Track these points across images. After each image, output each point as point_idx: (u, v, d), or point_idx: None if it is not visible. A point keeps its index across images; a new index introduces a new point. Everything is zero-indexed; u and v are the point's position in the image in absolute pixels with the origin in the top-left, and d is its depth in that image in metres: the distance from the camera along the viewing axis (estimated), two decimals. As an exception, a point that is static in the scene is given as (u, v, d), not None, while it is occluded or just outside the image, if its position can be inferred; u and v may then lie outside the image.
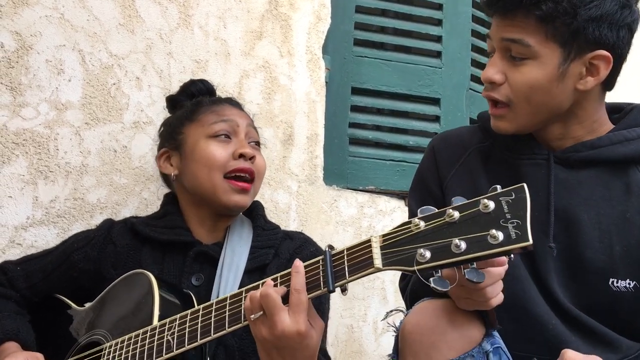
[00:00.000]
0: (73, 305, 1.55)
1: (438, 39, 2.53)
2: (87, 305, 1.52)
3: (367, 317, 2.27)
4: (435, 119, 2.52)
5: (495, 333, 1.09)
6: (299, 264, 1.13)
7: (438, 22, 2.54)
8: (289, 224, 2.16)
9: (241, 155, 1.55)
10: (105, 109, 1.97)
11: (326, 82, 2.33)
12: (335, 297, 2.21)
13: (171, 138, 1.68)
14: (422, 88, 2.50)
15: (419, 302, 1.17)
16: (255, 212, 1.66)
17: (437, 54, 2.53)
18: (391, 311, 1.23)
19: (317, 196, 2.24)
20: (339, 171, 2.37)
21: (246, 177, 1.56)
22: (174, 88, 2.06)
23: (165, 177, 1.75)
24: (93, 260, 1.55)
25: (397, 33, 2.51)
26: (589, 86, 1.28)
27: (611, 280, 1.25)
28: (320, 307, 1.50)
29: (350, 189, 2.35)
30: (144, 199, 2.00)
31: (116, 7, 2.00)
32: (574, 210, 1.29)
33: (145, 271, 1.41)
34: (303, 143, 2.24)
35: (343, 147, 2.39)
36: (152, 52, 2.04)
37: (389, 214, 2.33)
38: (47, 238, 1.85)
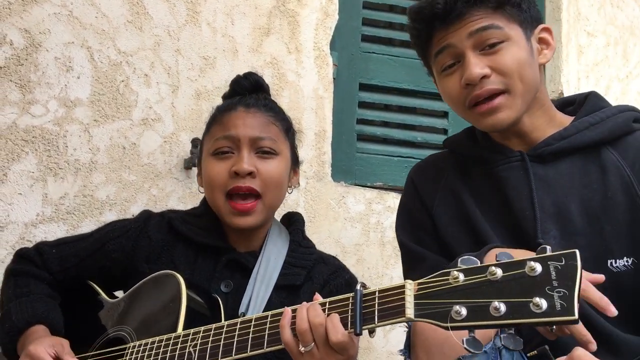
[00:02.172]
0: (103, 294, 1.55)
1: (446, 35, 2.52)
2: (117, 297, 1.53)
3: (376, 313, 2.27)
4: (443, 114, 2.51)
5: (509, 330, 1.08)
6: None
7: (446, 18, 2.53)
8: (297, 220, 2.16)
9: (237, 173, 1.48)
10: (114, 106, 1.98)
11: (334, 79, 2.32)
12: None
13: (199, 152, 1.65)
14: (430, 84, 2.45)
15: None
16: (294, 226, 1.63)
17: (445, 50, 2.52)
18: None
19: (325, 192, 2.24)
20: (347, 167, 2.37)
21: (249, 195, 1.49)
22: (182, 85, 2.07)
23: None
24: (127, 251, 1.54)
25: (405, 28, 2.49)
26: (549, 57, 1.38)
27: (609, 261, 1.26)
28: None
29: (358, 185, 2.35)
30: (152, 195, 2.00)
31: (124, 4, 2.00)
32: (560, 202, 1.31)
33: (176, 274, 1.40)
34: (311, 139, 2.24)
35: (351, 143, 2.38)
36: (160, 49, 2.05)
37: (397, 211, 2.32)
38: (56, 235, 1.86)
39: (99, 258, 1.55)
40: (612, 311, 1.04)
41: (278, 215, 1.66)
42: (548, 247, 0.93)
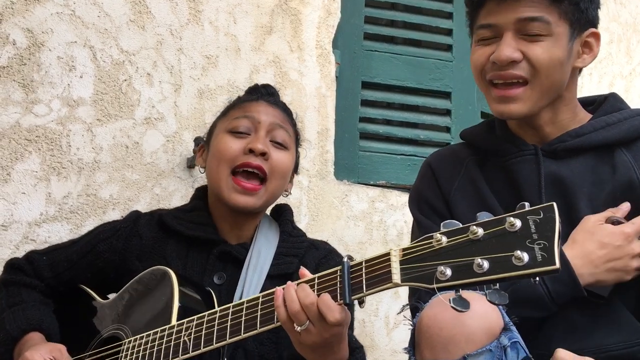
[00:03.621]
0: (96, 296, 1.56)
1: (448, 32, 2.52)
2: (110, 297, 1.53)
3: (379, 311, 2.27)
4: (446, 112, 2.51)
5: (513, 327, 1.09)
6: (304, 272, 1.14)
7: (448, 15, 2.53)
8: (300, 219, 2.16)
9: (251, 151, 1.51)
10: (116, 105, 1.98)
11: (336, 77, 2.32)
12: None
13: (208, 134, 1.67)
14: (433, 82, 2.49)
15: (435, 295, 1.17)
16: (283, 217, 1.64)
17: (448, 47, 2.52)
18: (407, 304, 1.22)
19: (328, 191, 2.24)
20: (350, 166, 2.36)
21: (256, 175, 1.52)
22: (185, 84, 2.07)
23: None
24: (118, 251, 1.55)
25: (407, 26, 2.49)
26: (587, 63, 1.37)
27: None
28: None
29: (361, 184, 2.35)
30: (155, 194, 2.00)
31: (127, 4, 2.01)
32: (569, 199, 1.32)
33: (168, 268, 1.41)
34: (314, 138, 2.24)
35: (354, 141, 2.38)
36: (162, 48, 2.05)
37: (400, 209, 2.32)
38: (60, 234, 1.86)
39: (91, 260, 1.56)
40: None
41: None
42: (526, 204, 0.95)
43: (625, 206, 1.28)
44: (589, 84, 2.63)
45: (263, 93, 1.66)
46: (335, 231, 2.23)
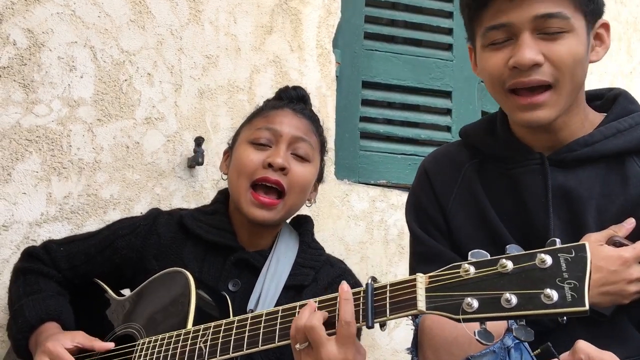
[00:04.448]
0: (111, 292, 1.55)
1: (449, 32, 2.52)
2: (125, 295, 1.53)
3: (380, 311, 2.27)
4: (447, 112, 2.51)
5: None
6: (347, 288, 1.07)
7: (449, 15, 2.52)
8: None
9: (270, 165, 1.48)
10: (117, 105, 1.98)
11: (337, 76, 2.32)
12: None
13: (233, 139, 1.65)
14: (433, 81, 2.48)
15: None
16: (304, 228, 1.63)
17: (448, 47, 2.52)
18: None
19: (328, 190, 2.24)
20: (350, 165, 2.36)
21: (274, 189, 1.49)
22: (185, 84, 2.07)
23: None
24: (136, 249, 1.55)
25: (408, 26, 2.49)
26: (600, 56, 1.28)
27: None
28: (359, 330, 1.48)
29: (362, 183, 2.35)
30: (156, 194, 2.00)
31: (127, 4, 2.00)
32: (577, 211, 1.26)
33: (185, 271, 1.40)
34: (314, 137, 2.23)
35: (354, 141, 2.38)
36: (163, 48, 2.04)
37: (400, 208, 2.32)
38: (61, 234, 1.86)
39: (108, 255, 1.56)
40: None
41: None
42: (557, 240, 0.93)
43: (629, 223, 1.22)
44: (589, 83, 2.63)
45: (292, 98, 1.63)
46: (335, 231, 2.23)
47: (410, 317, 1.20)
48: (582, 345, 1.00)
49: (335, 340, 1.05)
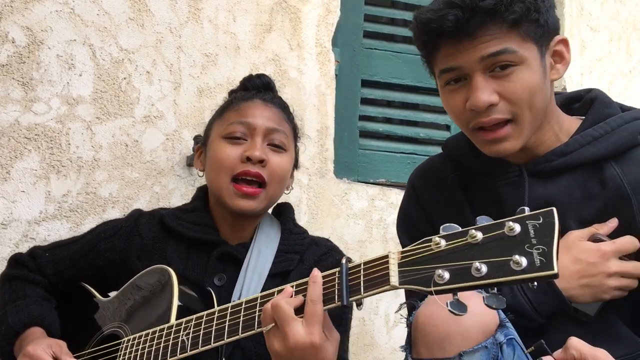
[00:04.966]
0: (97, 294, 1.56)
1: (448, 31, 2.52)
2: (111, 295, 1.54)
3: (379, 309, 2.27)
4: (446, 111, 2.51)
5: (509, 324, 1.09)
6: (317, 273, 1.09)
7: (448, 14, 2.52)
8: (300, 217, 2.17)
9: (249, 159, 1.49)
10: (116, 103, 1.98)
11: (336, 75, 2.32)
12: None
13: (205, 135, 1.65)
14: (433, 80, 2.48)
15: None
16: (285, 215, 1.63)
17: (448, 46, 2.52)
18: (404, 303, 1.22)
19: (327, 189, 2.24)
20: (350, 164, 2.36)
21: (254, 182, 1.50)
22: (184, 82, 2.07)
23: None
24: (119, 250, 1.56)
25: (407, 24, 2.49)
26: (562, 73, 1.29)
27: None
28: (343, 316, 1.49)
29: (361, 182, 2.35)
30: (155, 192, 2.01)
31: (126, 2, 2.01)
32: (560, 219, 1.27)
33: (168, 267, 1.41)
34: (313, 136, 2.23)
35: (353, 140, 2.38)
36: (162, 46, 2.05)
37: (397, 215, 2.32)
38: (60, 232, 1.87)
39: (92, 259, 1.57)
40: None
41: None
42: (526, 209, 0.94)
43: (612, 222, 1.24)
44: (588, 83, 2.63)
45: (258, 87, 1.63)
46: (335, 229, 2.23)
47: (404, 315, 1.21)
48: (575, 342, 1.00)
49: (302, 321, 1.06)
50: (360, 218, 2.28)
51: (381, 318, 2.28)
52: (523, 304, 1.20)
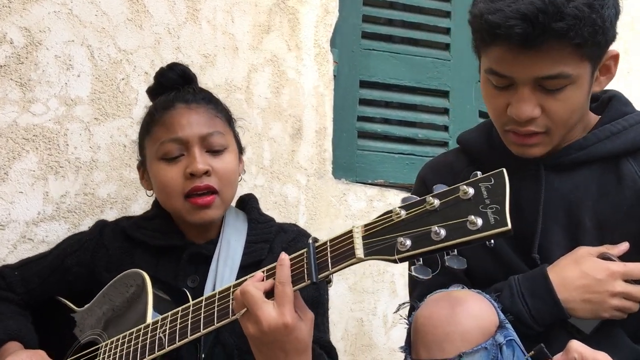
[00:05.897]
0: (72, 306, 1.56)
1: (447, 31, 2.52)
2: (86, 306, 1.53)
3: (377, 310, 2.27)
4: (444, 111, 2.51)
5: (509, 325, 1.09)
6: (283, 256, 1.13)
7: (446, 14, 2.52)
8: (298, 218, 2.16)
9: (192, 174, 1.46)
10: (114, 104, 1.98)
11: (334, 76, 2.32)
12: (345, 291, 2.21)
13: (140, 153, 1.62)
14: (431, 81, 2.49)
15: (431, 294, 1.17)
16: (249, 205, 1.62)
17: (446, 46, 2.52)
18: (403, 303, 1.22)
19: (326, 190, 2.24)
20: (348, 165, 2.36)
21: (206, 192, 1.48)
22: (183, 83, 2.06)
23: None
24: (86, 264, 1.56)
25: (406, 25, 2.49)
26: (603, 86, 1.31)
27: None
28: (320, 298, 1.49)
29: (360, 183, 2.35)
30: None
31: (124, 2, 2.00)
32: (573, 213, 1.28)
33: (140, 271, 1.41)
34: (311, 137, 2.23)
35: (352, 140, 2.38)
36: (160, 47, 2.04)
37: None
38: (58, 233, 1.86)
39: (61, 275, 1.56)
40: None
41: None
42: (479, 172, 0.99)
43: (624, 246, 1.25)
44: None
45: (174, 80, 1.57)
46: (333, 230, 2.23)
47: (403, 316, 1.21)
48: (575, 345, 1.00)
49: (273, 303, 1.09)
50: (358, 219, 2.28)
51: (379, 319, 2.28)
52: (521, 309, 1.21)
